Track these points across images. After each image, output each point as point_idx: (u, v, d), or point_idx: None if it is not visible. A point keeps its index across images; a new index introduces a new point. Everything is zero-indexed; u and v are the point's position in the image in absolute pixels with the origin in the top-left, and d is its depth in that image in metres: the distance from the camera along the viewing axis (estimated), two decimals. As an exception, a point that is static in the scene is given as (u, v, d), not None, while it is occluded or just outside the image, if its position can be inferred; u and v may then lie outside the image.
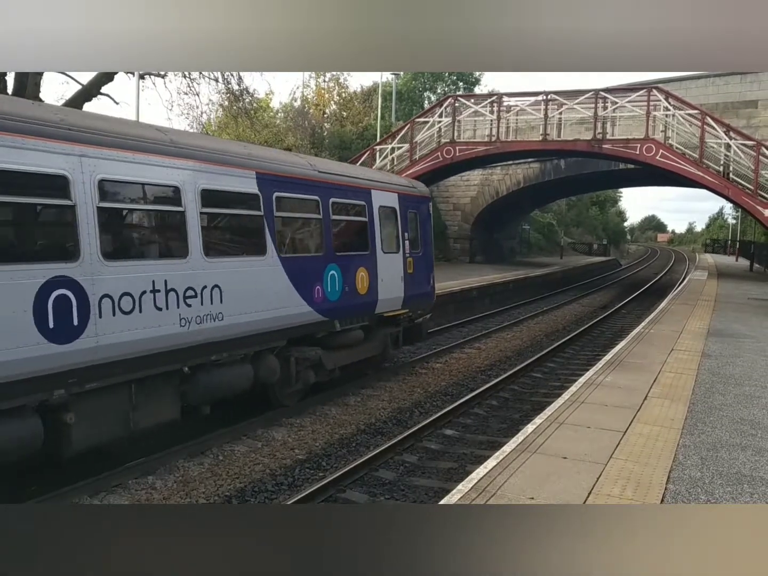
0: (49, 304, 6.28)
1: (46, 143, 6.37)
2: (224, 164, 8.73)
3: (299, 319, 10.02)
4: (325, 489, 7.49)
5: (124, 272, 7.12)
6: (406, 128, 24.10)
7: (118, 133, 7.27)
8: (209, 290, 8.27)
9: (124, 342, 7.06)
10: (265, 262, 9.30)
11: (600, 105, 21.24)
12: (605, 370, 10.15)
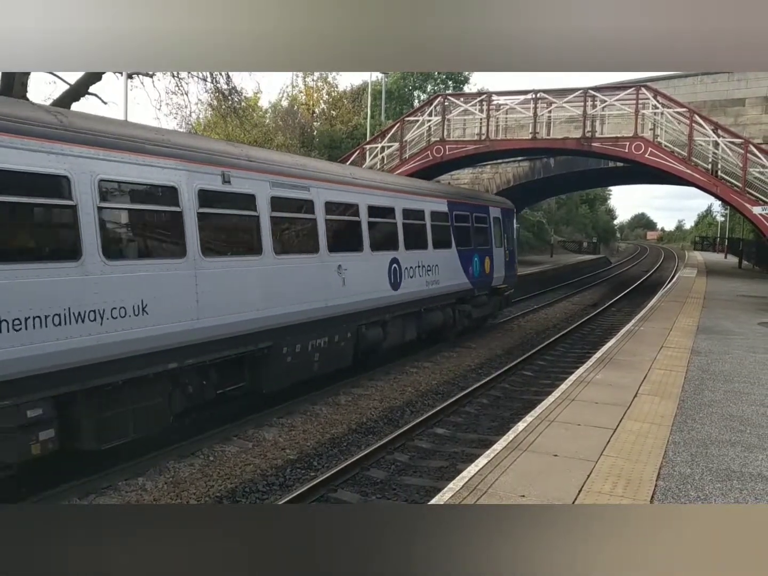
0: (393, 270, 13.19)
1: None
2: (439, 197, 16.15)
3: (462, 287, 16.81)
4: (317, 489, 7.47)
5: (411, 255, 14.04)
6: (395, 127, 24.07)
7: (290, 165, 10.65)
8: (435, 267, 15.21)
9: (413, 291, 14.02)
10: (450, 252, 16.19)
11: (589, 103, 21.28)
12: (596, 367, 10.17)
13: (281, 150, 28.49)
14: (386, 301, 12.98)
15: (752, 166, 19.83)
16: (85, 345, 6.81)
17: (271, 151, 13.36)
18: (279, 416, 10.18)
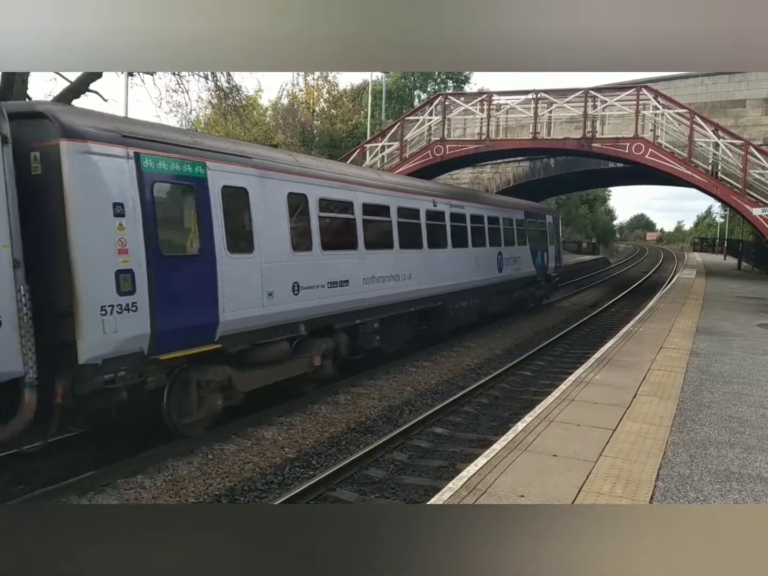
0: (498, 260, 19.43)
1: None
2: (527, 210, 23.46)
3: (532, 274, 22.92)
4: (315, 488, 7.47)
5: (508, 249, 20.30)
6: (396, 126, 24.07)
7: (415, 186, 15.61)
8: (519, 258, 21.32)
9: (508, 275, 20.33)
10: (526, 248, 22.23)
11: (589, 104, 21.27)
12: (595, 368, 10.17)
13: (283, 148, 28.46)
14: (495, 280, 19.42)
15: (752, 167, 19.83)
16: (378, 295, 12.59)
17: (413, 179, 17.45)
18: (278, 415, 10.18)
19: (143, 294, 7.48)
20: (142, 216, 7.50)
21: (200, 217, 8.36)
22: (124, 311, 7.26)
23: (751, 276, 34.07)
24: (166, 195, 8.17)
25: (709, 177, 20.08)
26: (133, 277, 7.36)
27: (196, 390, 8.54)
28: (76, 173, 6.91)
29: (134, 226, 7.41)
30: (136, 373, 7.60)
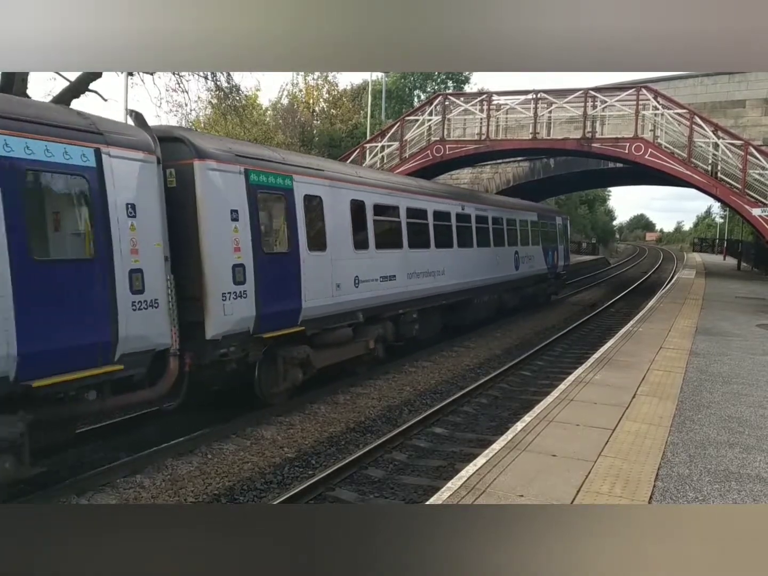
0: (515, 258, 21.40)
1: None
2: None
3: (542, 271, 24.54)
4: (315, 487, 7.47)
5: (523, 249, 22.28)
6: (396, 126, 24.06)
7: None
8: (533, 257, 23.23)
9: (524, 272, 22.36)
10: (539, 247, 24.00)
11: (589, 104, 21.27)
12: (594, 368, 10.18)
13: (279, 147, 28.45)
14: (513, 277, 21.11)
15: (752, 167, 19.83)
16: (418, 289, 14.34)
17: (445, 185, 20.93)
18: (277, 414, 10.18)
19: (251, 284, 9.18)
20: (249, 220, 9.20)
21: (288, 220, 10.16)
22: (237, 298, 8.94)
23: (751, 276, 34.08)
24: (265, 203, 9.88)
25: (708, 177, 20.09)
26: (244, 270, 9.08)
27: (282, 365, 10.14)
28: (205, 186, 8.60)
29: (244, 229, 9.12)
30: (242, 349, 9.21)
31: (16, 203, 6.22)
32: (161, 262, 7.82)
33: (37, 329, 6.36)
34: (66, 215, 7.27)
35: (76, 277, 6.88)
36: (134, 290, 7.40)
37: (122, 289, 7.26)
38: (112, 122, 7.68)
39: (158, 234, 7.81)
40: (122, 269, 7.28)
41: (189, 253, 8.47)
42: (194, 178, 8.50)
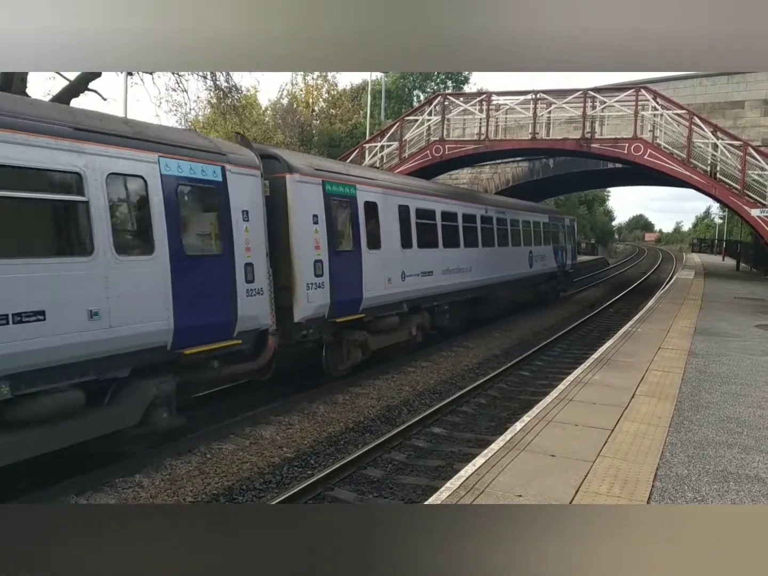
0: (529, 257, 23.14)
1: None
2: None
3: (552, 269, 26.05)
4: (314, 487, 7.48)
5: (536, 248, 24.07)
6: (395, 126, 24.05)
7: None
8: (545, 256, 24.86)
9: (537, 269, 24.15)
10: (550, 247, 25.77)
11: (589, 104, 21.27)
12: (593, 368, 10.18)
13: (281, 146, 28.48)
14: (527, 274, 22.84)
15: (751, 168, 19.84)
16: (450, 283, 16.06)
17: (471, 190, 24.84)
18: (276, 414, 10.19)
19: (327, 276, 11.06)
20: (325, 223, 11.10)
21: (353, 223, 12.11)
22: (317, 288, 10.84)
23: (750, 277, 34.09)
24: (336, 208, 11.67)
25: (707, 178, 20.10)
26: (322, 265, 10.98)
27: (346, 347, 12.05)
28: (294, 195, 10.44)
29: (322, 230, 11.01)
30: (318, 331, 11.08)
31: (173, 210, 7.98)
32: (264, 257, 9.65)
33: (187, 309, 8.09)
34: (203, 219, 8.98)
35: (210, 268, 8.67)
36: (248, 280, 9.24)
37: (240, 279, 9.10)
38: (229, 144, 9.70)
39: (262, 234, 9.62)
40: (240, 263, 9.11)
41: (280, 250, 10.24)
42: (286, 189, 10.37)
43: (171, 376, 8.12)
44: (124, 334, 7.28)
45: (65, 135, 6.72)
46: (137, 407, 7.70)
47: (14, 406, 6.37)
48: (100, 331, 7.01)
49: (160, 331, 7.77)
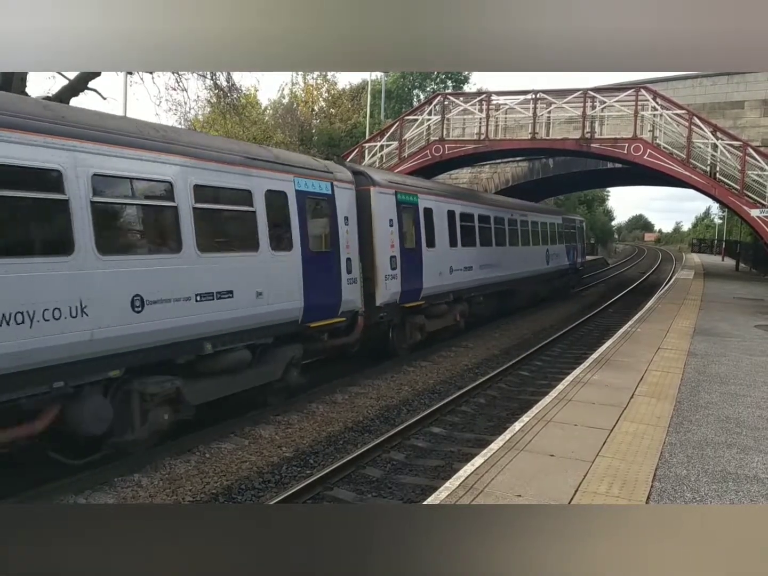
0: (546, 255, 25.46)
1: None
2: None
3: (565, 266, 28.50)
4: (313, 487, 7.48)
5: (552, 247, 26.45)
6: (395, 126, 24.05)
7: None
8: (559, 254, 27.38)
9: (552, 266, 26.27)
10: (562, 246, 28.03)
11: (588, 104, 21.27)
12: (592, 368, 10.19)
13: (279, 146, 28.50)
14: (544, 271, 25.30)
15: (750, 168, 19.85)
16: (484, 277, 18.40)
17: (500, 197, 25.53)
18: (275, 414, 10.19)
19: (398, 269, 13.60)
20: (397, 226, 13.70)
21: (415, 225, 14.67)
22: (392, 279, 13.36)
23: (749, 277, 34.10)
24: (404, 214, 14.17)
25: (707, 178, 20.10)
26: (396, 260, 13.53)
27: (409, 328, 14.61)
28: (376, 204, 13.03)
29: (395, 231, 13.62)
30: (390, 314, 13.54)
31: (304, 217, 10.61)
32: (357, 253, 12.19)
33: (312, 292, 10.59)
34: (319, 223, 11.31)
35: (325, 262, 11.20)
36: (348, 271, 11.78)
37: (343, 270, 11.65)
38: (332, 164, 12.35)
39: (356, 235, 12.22)
40: (343, 258, 11.70)
41: (365, 248, 12.62)
42: (370, 199, 12.88)
43: (299, 345, 10.61)
44: (276, 309, 9.80)
45: (240, 163, 9.35)
46: (280, 366, 10.15)
47: (213, 360, 8.72)
48: (263, 307, 9.47)
49: (296, 308, 10.31)
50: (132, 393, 7.70)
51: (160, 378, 8.01)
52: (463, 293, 17.02)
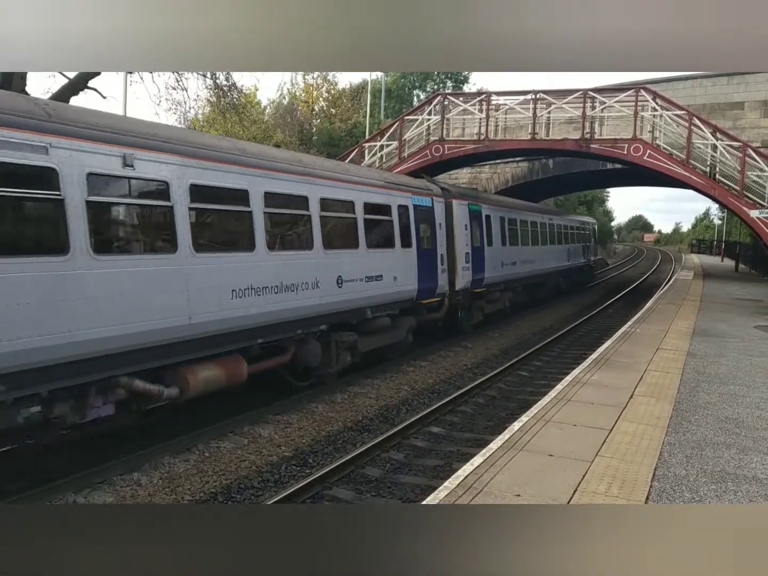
0: (567, 252, 30.17)
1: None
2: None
3: (582, 263, 33.93)
4: (312, 486, 7.48)
5: (570, 246, 31.34)
6: (395, 126, 24.04)
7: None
8: (575, 252, 32.07)
9: (571, 263, 30.68)
10: (576, 245, 32.59)
11: (588, 105, 21.26)
12: (592, 368, 10.19)
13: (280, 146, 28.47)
14: (565, 267, 29.30)
15: (750, 169, 19.85)
16: (525, 271, 22.99)
17: (537, 205, 31.53)
18: (275, 413, 10.19)
19: (470, 263, 17.38)
20: (470, 229, 17.55)
21: (479, 229, 18.59)
22: (466, 270, 17.08)
23: (749, 278, 34.11)
24: (473, 220, 18.04)
25: (707, 179, 20.10)
26: (468, 256, 17.23)
27: (474, 309, 18.56)
28: (456, 212, 16.89)
29: (468, 233, 17.39)
30: (464, 298, 17.23)
31: (417, 223, 14.63)
32: (445, 250, 16.01)
33: (422, 278, 14.51)
34: (425, 228, 15.13)
35: (428, 256, 15.01)
36: (441, 263, 15.69)
37: (439, 262, 15.58)
38: (430, 183, 16.43)
39: (444, 236, 16.11)
40: (439, 254, 15.62)
41: (448, 246, 16.35)
42: (452, 209, 16.84)
43: (413, 317, 14.59)
44: (404, 289, 13.84)
45: (383, 186, 13.55)
46: (403, 331, 14.21)
47: (371, 323, 12.66)
48: (397, 287, 13.49)
49: (413, 290, 14.26)
50: (331, 341, 11.58)
51: (346, 333, 11.89)
52: (509, 284, 21.19)
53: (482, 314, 19.01)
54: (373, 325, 12.71)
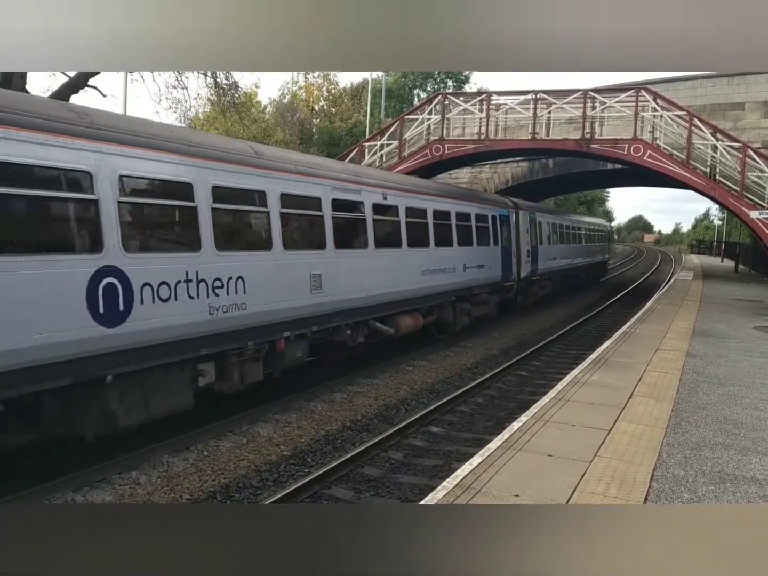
0: (584, 251, 35.18)
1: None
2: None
3: (600, 260, 40.03)
4: (310, 485, 7.49)
5: (588, 245, 36.46)
6: (395, 125, 24.05)
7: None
8: (589, 250, 36.26)
9: (586, 260, 34.98)
10: (596, 245, 38.90)
11: (589, 105, 21.27)
12: (591, 368, 10.20)
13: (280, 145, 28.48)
14: (587, 263, 34.37)
15: (750, 170, 19.86)
16: (561, 265, 28.67)
17: (566, 212, 38.99)
18: (274, 412, 10.20)
19: (530, 257, 22.64)
20: (529, 232, 22.76)
21: (535, 232, 23.49)
22: (527, 263, 22.33)
23: (748, 278, 34.11)
24: (532, 225, 23.16)
25: (707, 179, 20.11)
26: (529, 252, 22.55)
27: (529, 293, 23.29)
28: (521, 220, 22.20)
29: (528, 235, 22.62)
30: (524, 284, 22.27)
31: (499, 228, 19.90)
32: (516, 247, 20.99)
33: (504, 267, 20.04)
34: (505, 230, 20.32)
35: (506, 252, 20.27)
36: (513, 256, 20.80)
37: (513, 255, 20.80)
38: (505, 198, 22.18)
39: (515, 237, 21.12)
40: (514, 250, 20.93)
41: (515, 246, 21.17)
42: (518, 217, 21.74)
43: (497, 295, 19.62)
44: (494, 275, 19.10)
45: (482, 201, 19.41)
46: (492, 305, 19.36)
47: (476, 297, 17.92)
48: (490, 272, 18.73)
49: (499, 275, 19.53)
50: (456, 308, 16.66)
51: (464, 303, 17.22)
52: (552, 275, 26.21)
53: (535, 297, 24.06)
54: (479, 299, 18.15)
